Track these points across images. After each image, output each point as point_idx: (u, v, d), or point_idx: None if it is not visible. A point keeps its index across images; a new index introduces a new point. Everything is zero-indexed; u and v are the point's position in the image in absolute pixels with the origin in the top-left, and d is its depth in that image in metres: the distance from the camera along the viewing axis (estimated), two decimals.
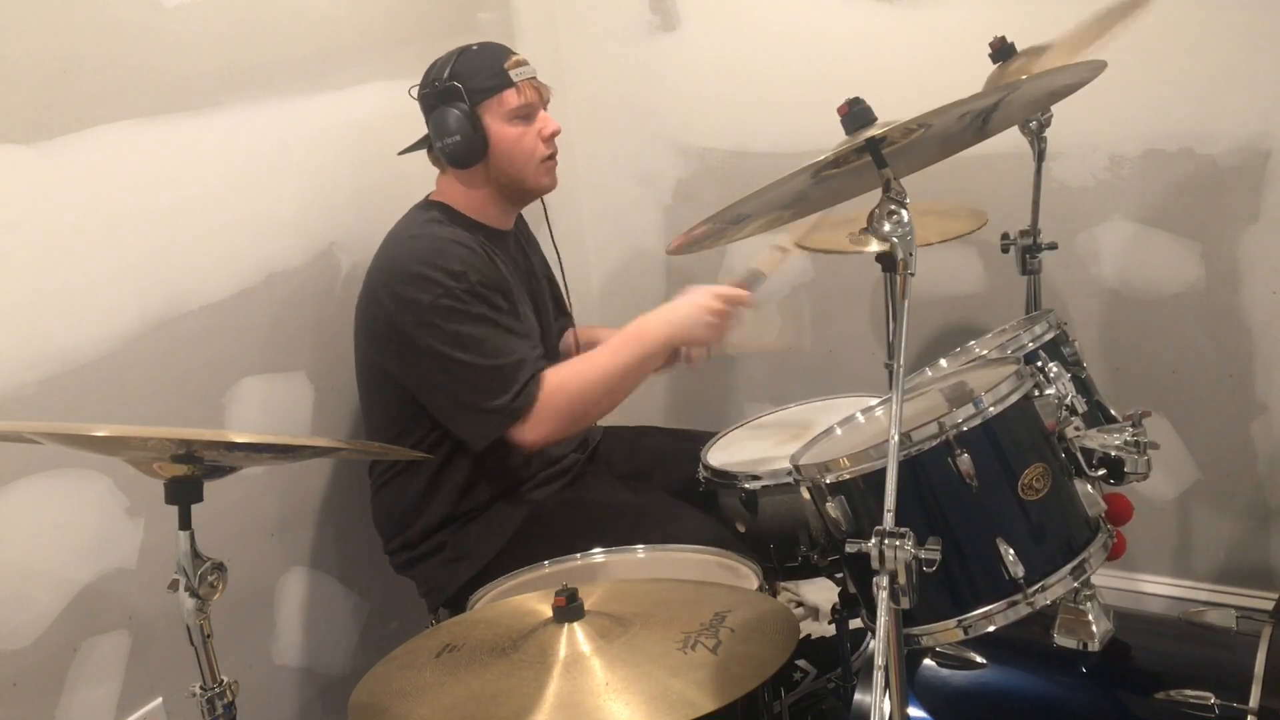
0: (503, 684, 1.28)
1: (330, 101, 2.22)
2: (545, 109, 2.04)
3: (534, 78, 2.00)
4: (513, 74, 1.97)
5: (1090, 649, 1.50)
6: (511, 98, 1.97)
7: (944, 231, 2.17)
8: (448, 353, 1.86)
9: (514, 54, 2.00)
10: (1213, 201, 2.25)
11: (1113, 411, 1.68)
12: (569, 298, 2.30)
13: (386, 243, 2.01)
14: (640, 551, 1.78)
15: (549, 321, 2.21)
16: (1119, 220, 2.35)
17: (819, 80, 2.51)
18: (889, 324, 2.12)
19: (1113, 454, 1.44)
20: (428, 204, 2.06)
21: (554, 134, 2.03)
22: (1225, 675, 1.40)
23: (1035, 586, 1.34)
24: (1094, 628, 1.50)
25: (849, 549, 1.22)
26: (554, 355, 2.18)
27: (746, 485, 1.85)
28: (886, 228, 1.26)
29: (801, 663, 2.20)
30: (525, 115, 1.99)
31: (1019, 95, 1.46)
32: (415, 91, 2.01)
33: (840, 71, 2.51)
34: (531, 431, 1.88)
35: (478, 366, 1.86)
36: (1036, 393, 1.41)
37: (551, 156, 2.04)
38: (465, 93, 1.94)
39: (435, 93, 1.96)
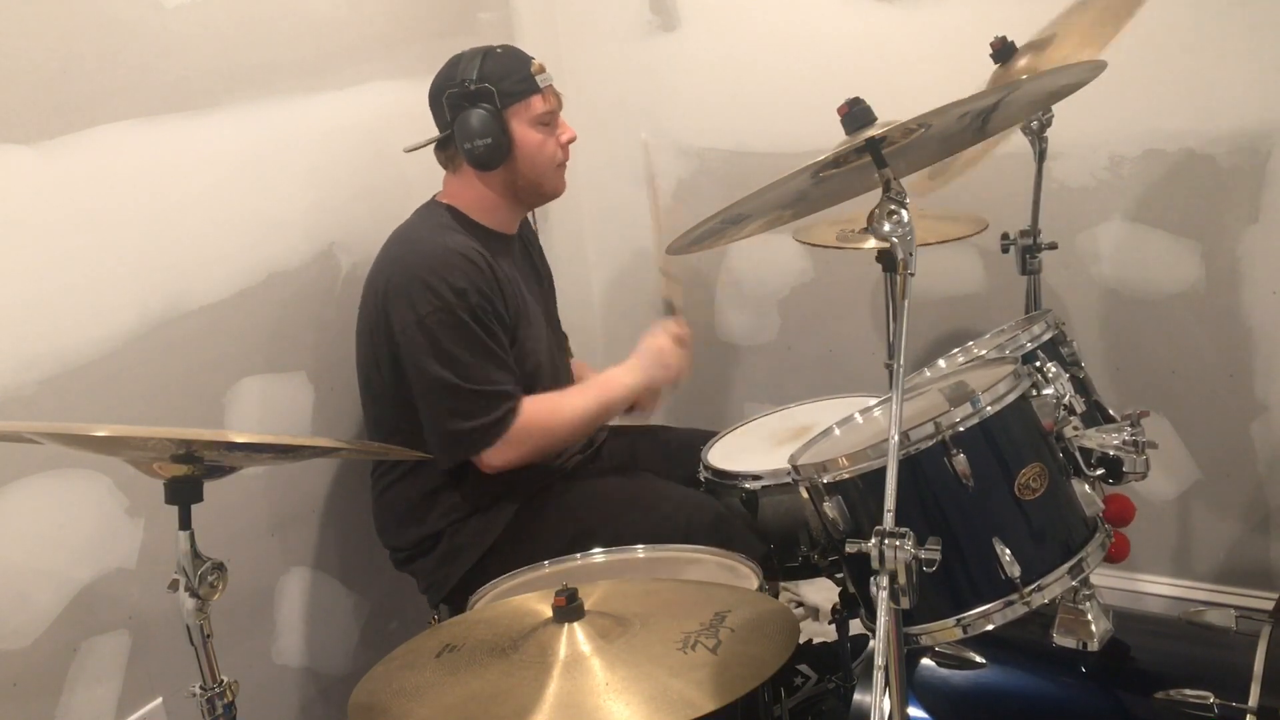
0: (503, 684, 1.28)
1: (330, 101, 2.22)
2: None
3: (552, 84, 2.02)
4: (539, 79, 1.98)
5: (1089, 649, 1.50)
6: (538, 103, 1.98)
7: (943, 234, 2.17)
8: (433, 368, 1.87)
9: (533, 59, 2.01)
10: (1213, 201, 2.25)
11: (1111, 411, 1.68)
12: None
13: (392, 244, 2.01)
14: (640, 551, 1.78)
15: (552, 321, 2.21)
16: (1119, 220, 2.35)
17: (819, 80, 2.51)
18: (889, 324, 2.12)
19: (1111, 454, 1.44)
20: (435, 206, 2.06)
21: (570, 141, 2.06)
22: (1225, 675, 1.40)
23: (1032, 586, 1.34)
24: (1093, 627, 1.50)
25: (849, 549, 1.23)
26: (559, 359, 2.18)
27: (746, 485, 1.86)
28: (886, 228, 1.26)
29: (803, 668, 2.20)
30: (548, 121, 2.01)
31: (1019, 95, 1.46)
32: (440, 90, 1.99)
33: (840, 71, 2.51)
34: (498, 455, 1.91)
35: (460, 389, 1.87)
36: (1034, 392, 1.41)
37: (565, 162, 2.07)
38: (497, 95, 1.94)
39: (466, 93, 1.95)
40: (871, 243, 2.02)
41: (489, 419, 1.88)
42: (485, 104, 1.94)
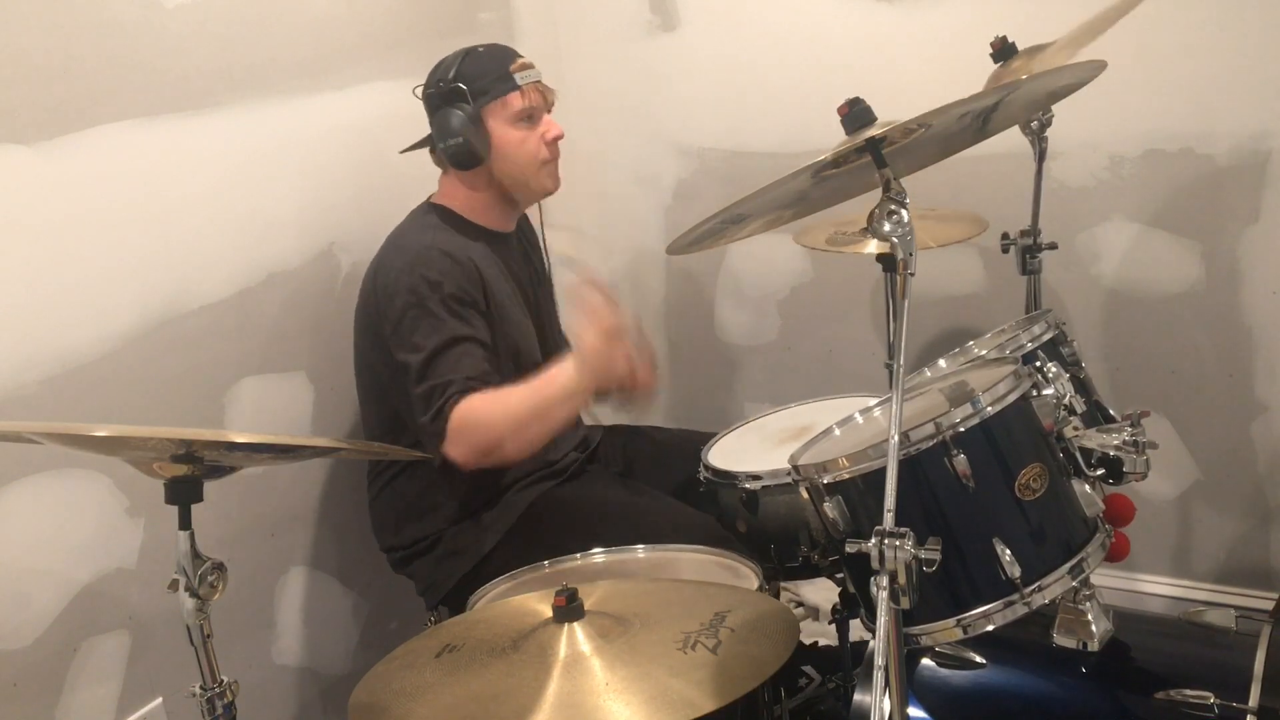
0: (503, 684, 1.28)
1: (330, 101, 2.22)
2: (550, 112, 2.05)
3: (539, 81, 2.01)
4: (518, 77, 1.97)
5: (1090, 649, 1.50)
6: (515, 101, 1.97)
7: (943, 237, 2.17)
8: (405, 361, 1.86)
9: (520, 56, 2.00)
10: (1213, 201, 2.25)
11: (1111, 411, 1.68)
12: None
13: (383, 248, 2.02)
14: (640, 551, 1.78)
15: (552, 323, 2.20)
16: (1119, 220, 2.35)
17: (819, 80, 2.51)
18: (889, 324, 2.12)
19: (1111, 454, 1.44)
20: (428, 207, 2.06)
21: (556, 138, 2.03)
22: (1225, 675, 1.40)
23: (1032, 586, 1.34)
24: (1093, 627, 1.50)
25: (849, 549, 1.22)
26: (552, 359, 2.17)
27: (747, 485, 1.85)
28: (886, 228, 1.26)
29: (808, 669, 2.20)
30: (529, 118, 2.00)
31: (1019, 95, 1.46)
32: (419, 91, 2.01)
33: (840, 71, 2.51)
34: (454, 453, 1.82)
35: (417, 381, 1.84)
36: (1034, 393, 1.41)
37: (553, 159, 2.04)
38: (470, 94, 1.94)
39: (440, 93, 1.96)
40: (872, 246, 2.02)
41: (430, 414, 1.83)
42: (460, 103, 1.95)
